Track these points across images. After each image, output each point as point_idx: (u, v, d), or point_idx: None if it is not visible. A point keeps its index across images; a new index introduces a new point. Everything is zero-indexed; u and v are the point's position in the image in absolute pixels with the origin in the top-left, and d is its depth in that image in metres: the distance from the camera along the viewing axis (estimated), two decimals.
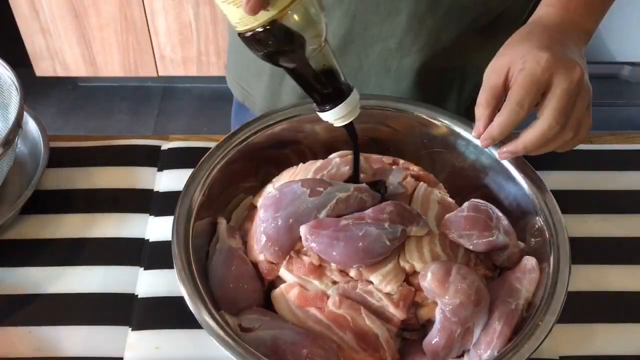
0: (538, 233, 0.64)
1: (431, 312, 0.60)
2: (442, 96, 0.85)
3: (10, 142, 0.72)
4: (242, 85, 0.94)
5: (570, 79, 0.59)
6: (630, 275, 0.73)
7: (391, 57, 0.79)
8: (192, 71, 2.14)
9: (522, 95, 0.59)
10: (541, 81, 0.59)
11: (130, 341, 0.67)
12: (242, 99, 0.95)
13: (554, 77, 0.59)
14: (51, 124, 2.17)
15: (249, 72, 0.92)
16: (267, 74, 0.87)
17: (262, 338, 0.58)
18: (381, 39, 0.77)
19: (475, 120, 0.64)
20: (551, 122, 0.59)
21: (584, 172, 0.84)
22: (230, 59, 0.97)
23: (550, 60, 0.59)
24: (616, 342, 0.68)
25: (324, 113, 0.60)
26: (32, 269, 0.73)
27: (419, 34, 0.76)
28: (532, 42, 0.61)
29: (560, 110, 0.59)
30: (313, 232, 0.59)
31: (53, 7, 1.95)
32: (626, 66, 2.26)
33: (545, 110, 0.59)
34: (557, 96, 0.59)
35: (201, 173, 0.66)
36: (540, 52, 0.59)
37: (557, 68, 0.59)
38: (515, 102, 0.59)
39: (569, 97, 0.59)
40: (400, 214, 0.61)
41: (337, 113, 0.59)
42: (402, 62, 0.79)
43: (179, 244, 0.60)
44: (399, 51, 0.78)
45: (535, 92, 0.59)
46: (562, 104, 0.59)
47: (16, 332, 0.67)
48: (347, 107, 0.59)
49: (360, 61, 0.80)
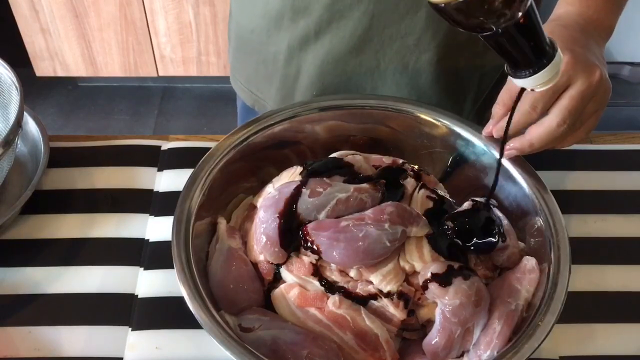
0: (538, 233, 0.64)
1: (431, 312, 0.60)
2: (460, 94, 0.85)
3: (10, 142, 0.72)
4: (251, 89, 0.93)
5: (588, 82, 0.59)
6: (630, 275, 0.73)
7: (409, 54, 0.79)
8: (192, 71, 2.14)
9: (537, 97, 0.59)
10: (558, 85, 0.58)
11: (130, 341, 0.67)
12: (251, 103, 0.94)
13: (572, 79, 0.59)
14: (51, 124, 2.17)
15: (258, 76, 0.90)
16: (278, 77, 0.86)
17: (262, 338, 0.58)
18: (400, 37, 0.77)
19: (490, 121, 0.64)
20: (559, 121, 0.59)
21: (584, 172, 0.84)
22: (235, 64, 0.95)
23: (569, 63, 0.59)
24: (616, 342, 0.68)
25: (522, 80, 0.54)
26: (32, 269, 0.72)
27: (437, 31, 0.76)
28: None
29: (571, 111, 0.59)
30: (313, 233, 0.59)
31: (53, 7, 1.95)
32: (626, 66, 2.26)
33: (556, 108, 0.59)
34: (572, 97, 0.59)
35: (201, 173, 0.66)
36: (563, 54, 0.59)
37: (577, 71, 0.59)
38: (528, 104, 0.60)
39: (582, 100, 0.59)
40: (400, 214, 0.61)
41: (538, 79, 0.53)
42: (420, 59, 0.79)
43: (179, 244, 0.60)
44: (417, 48, 0.78)
45: (551, 96, 0.59)
46: (574, 105, 0.59)
47: (16, 332, 0.67)
48: (551, 71, 0.53)
49: (378, 60, 0.80)
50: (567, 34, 0.63)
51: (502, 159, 0.65)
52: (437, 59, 0.79)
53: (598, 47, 0.63)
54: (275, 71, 0.86)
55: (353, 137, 0.75)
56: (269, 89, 0.89)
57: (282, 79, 0.86)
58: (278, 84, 0.87)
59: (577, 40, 0.62)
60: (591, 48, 0.62)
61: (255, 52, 0.87)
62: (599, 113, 0.62)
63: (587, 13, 0.65)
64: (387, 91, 0.82)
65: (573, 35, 0.63)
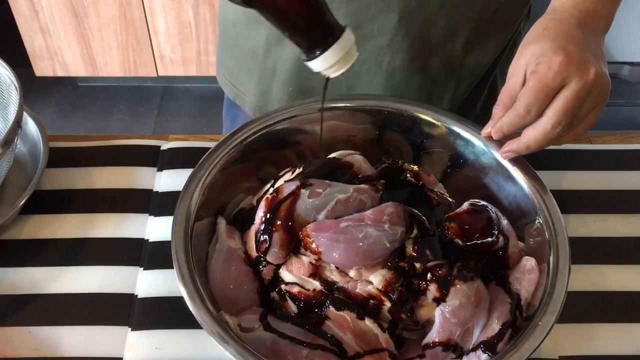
0: (537, 233, 0.64)
1: (431, 312, 0.60)
2: (436, 95, 0.85)
3: (9, 142, 0.72)
4: (233, 82, 0.93)
5: (582, 81, 0.58)
6: (630, 275, 0.73)
7: (382, 54, 0.79)
8: (192, 71, 2.14)
9: (531, 100, 0.59)
10: (551, 86, 0.58)
11: (130, 341, 0.67)
12: (232, 97, 0.95)
13: (566, 79, 0.58)
14: (51, 124, 2.17)
15: (239, 69, 0.91)
16: (258, 71, 0.87)
17: (262, 338, 0.58)
18: (372, 37, 0.77)
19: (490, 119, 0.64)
20: (554, 123, 0.59)
21: (584, 172, 0.84)
22: (220, 56, 0.96)
23: (563, 63, 0.58)
24: (616, 342, 0.68)
25: (314, 61, 0.52)
26: (32, 269, 0.72)
27: (409, 29, 0.76)
28: (547, 42, 0.60)
29: (567, 112, 0.59)
30: (313, 234, 0.59)
31: (53, 7, 1.95)
32: (626, 66, 2.26)
33: (551, 110, 0.59)
34: (566, 97, 0.58)
35: (201, 173, 0.66)
36: (554, 55, 0.58)
37: (570, 71, 0.58)
38: (522, 107, 0.59)
39: (577, 99, 0.58)
40: (400, 215, 0.61)
41: (329, 59, 0.51)
42: (394, 58, 0.79)
43: (179, 244, 0.60)
44: (390, 48, 0.78)
45: (545, 98, 0.59)
46: (569, 106, 0.58)
47: (16, 332, 0.67)
48: (341, 49, 0.51)
49: None
50: (562, 29, 0.62)
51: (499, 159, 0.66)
52: (410, 58, 0.79)
53: (596, 40, 0.62)
54: (254, 65, 0.87)
55: (353, 137, 0.75)
56: (249, 83, 0.90)
57: (261, 74, 0.87)
58: (257, 78, 0.88)
59: (572, 36, 0.61)
60: (587, 43, 0.61)
61: (237, 45, 0.88)
62: (600, 107, 0.61)
63: (584, 4, 0.64)
64: (362, 90, 0.82)
65: (568, 30, 0.62)
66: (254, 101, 0.90)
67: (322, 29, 0.51)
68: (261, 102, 0.89)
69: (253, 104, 0.90)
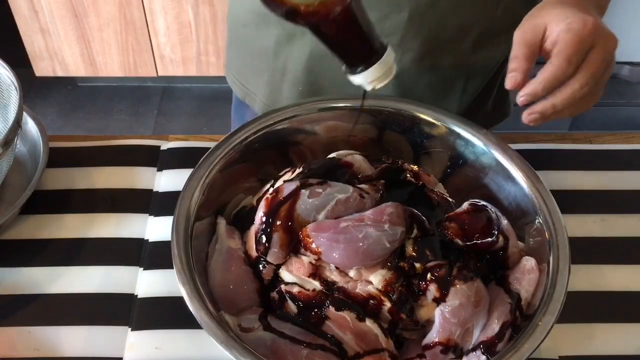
0: (537, 233, 0.64)
1: (431, 312, 0.60)
2: (444, 94, 0.85)
3: (9, 142, 0.72)
4: (242, 82, 0.94)
5: (608, 47, 0.60)
6: (630, 275, 0.73)
7: None
8: (192, 71, 2.14)
9: (571, 52, 0.59)
10: (586, 42, 0.59)
11: (130, 341, 0.67)
12: (242, 96, 0.95)
13: (595, 43, 0.59)
14: (50, 124, 2.17)
15: (249, 69, 0.91)
16: (267, 71, 0.87)
17: (262, 338, 0.58)
18: (383, 35, 0.77)
19: (509, 75, 0.61)
20: (582, 83, 0.59)
21: (584, 172, 0.84)
22: (229, 56, 0.96)
23: (595, 24, 0.59)
24: (616, 342, 0.68)
25: (355, 76, 0.55)
26: (31, 269, 0.72)
27: (420, 28, 0.76)
28: (570, 7, 0.61)
29: (594, 73, 0.59)
30: (313, 234, 0.59)
31: (53, 7, 1.95)
32: (626, 66, 2.26)
33: (583, 69, 0.59)
34: (595, 59, 0.59)
35: (200, 173, 0.66)
36: (586, 16, 0.59)
37: (598, 35, 0.59)
38: (564, 58, 0.59)
39: (602, 64, 0.59)
40: (400, 215, 0.61)
41: (369, 76, 0.54)
42: (403, 58, 0.79)
43: (179, 244, 0.60)
44: (401, 47, 0.78)
45: (582, 52, 0.59)
46: (597, 67, 0.59)
47: (16, 332, 0.67)
48: (382, 68, 0.54)
49: None
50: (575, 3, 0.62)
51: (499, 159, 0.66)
52: (419, 57, 0.79)
53: None
54: (264, 65, 0.87)
55: (353, 137, 0.75)
56: (259, 83, 0.90)
57: (271, 73, 0.87)
58: (267, 78, 0.88)
59: (588, 9, 0.62)
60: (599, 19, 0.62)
61: (247, 45, 0.89)
62: (605, 84, 0.62)
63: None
64: None
65: (583, 3, 0.63)
66: (263, 100, 0.91)
67: (366, 50, 0.53)
68: (271, 101, 0.89)
69: (263, 104, 0.91)
